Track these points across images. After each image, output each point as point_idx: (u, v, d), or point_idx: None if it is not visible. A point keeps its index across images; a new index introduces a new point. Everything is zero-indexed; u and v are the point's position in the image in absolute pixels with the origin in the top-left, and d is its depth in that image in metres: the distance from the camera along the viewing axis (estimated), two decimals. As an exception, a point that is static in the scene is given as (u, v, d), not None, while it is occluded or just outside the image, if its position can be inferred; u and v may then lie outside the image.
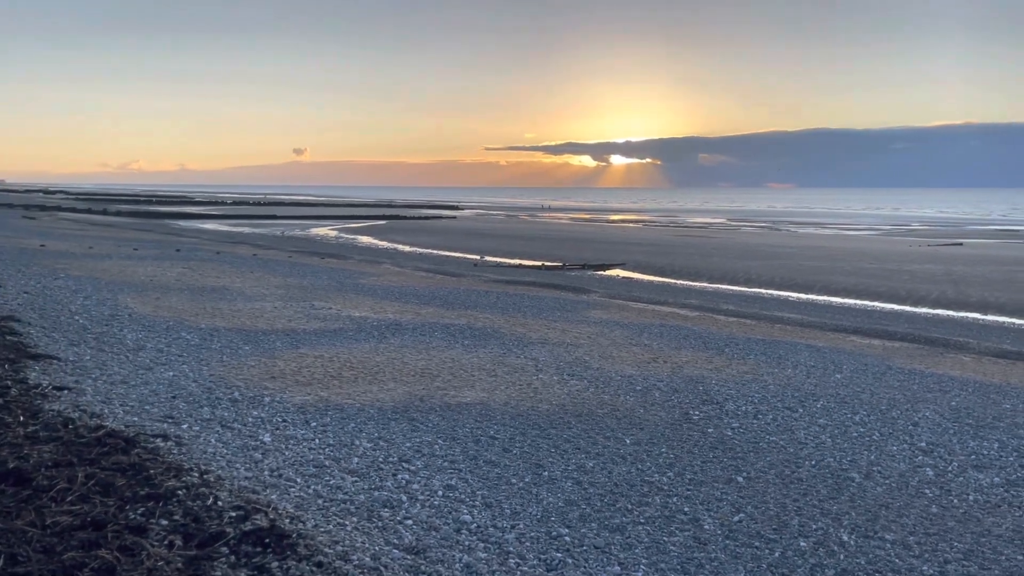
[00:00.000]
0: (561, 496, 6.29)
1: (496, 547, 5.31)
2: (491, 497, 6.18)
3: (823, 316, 19.60)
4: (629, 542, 5.51)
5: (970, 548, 5.65)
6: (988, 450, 8.03)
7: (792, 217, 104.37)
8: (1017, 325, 20.47)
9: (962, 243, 54.11)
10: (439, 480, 6.48)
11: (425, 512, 5.81)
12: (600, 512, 6.01)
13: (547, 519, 5.82)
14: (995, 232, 70.07)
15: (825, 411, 9.33)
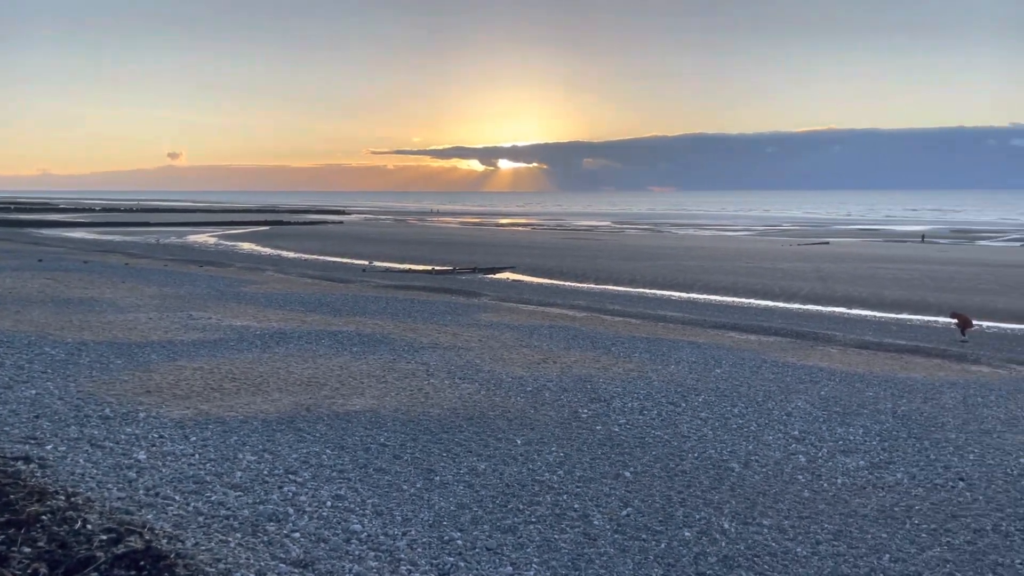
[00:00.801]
0: (453, 500, 6.26)
1: (387, 555, 5.24)
2: (382, 505, 6.08)
3: (703, 314, 20.38)
4: (521, 542, 5.54)
5: (839, 529, 5.99)
6: (854, 435, 8.54)
7: (673, 219, 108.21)
8: (878, 318, 21.92)
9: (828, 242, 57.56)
10: (327, 490, 6.33)
11: (313, 524, 5.66)
12: (492, 514, 6.02)
13: (439, 524, 5.78)
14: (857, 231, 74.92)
15: (706, 405, 9.69)
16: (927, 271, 33.24)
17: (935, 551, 5.62)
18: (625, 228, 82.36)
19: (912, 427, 8.94)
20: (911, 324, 20.56)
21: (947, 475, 7.29)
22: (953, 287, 27.94)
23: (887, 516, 6.26)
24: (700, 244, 52.17)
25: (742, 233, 71.90)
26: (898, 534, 5.91)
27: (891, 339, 16.64)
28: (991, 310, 22.90)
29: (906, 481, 7.11)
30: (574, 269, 34.10)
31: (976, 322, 20.11)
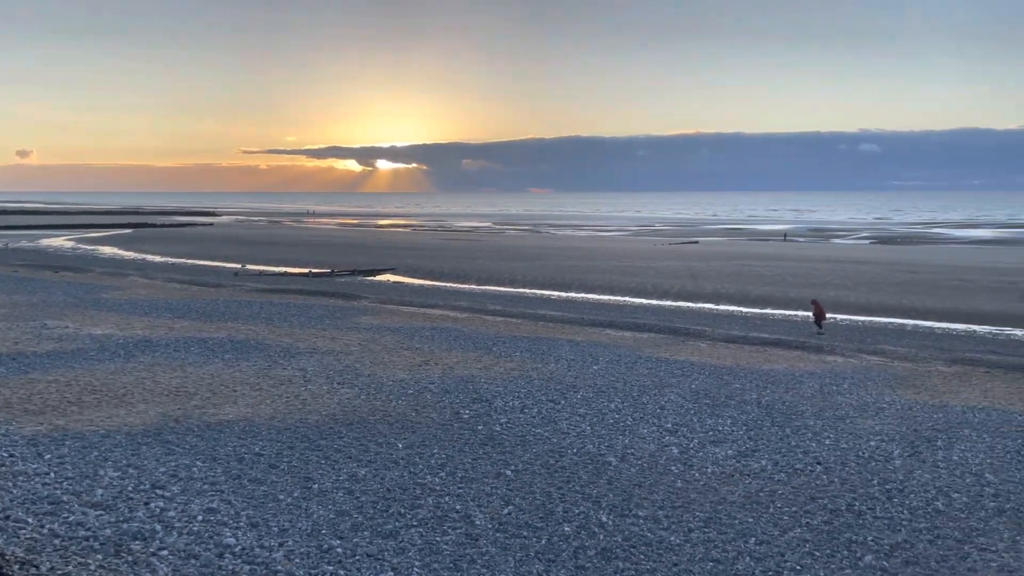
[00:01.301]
0: (332, 508, 6.13)
1: (263, 567, 5.06)
2: (257, 516, 5.88)
3: (582, 312, 20.84)
4: (402, 546, 5.49)
5: (710, 516, 6.26)
6: (723, 426, 8.95)
7: (551, 220, 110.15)
8: (744, 313, 23.08)
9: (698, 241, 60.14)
10: (198, 504, 6.06)
11: (183, 540, 5.40)
12: (373, 519, 5.93)
13: (318, 532, 5.65)
14: (724, 231, 78.65)
15: (585, 401, 9.91)
16: (788, 268, 35.29)
17: (796, 532, 5.97)
18: (505, 229, 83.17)
19: (775, 416, 9.46)
20: (774, 318, 21.76)
21: (806, 460, 7.75)
22: (811, 283, 29.78)
23: (753, 501, 6.60)
24: (578, 244, 53.36)
25: (617, 233, 74.07)
26: (763, 518, 6.24)
27: (756, 333, 17.55)
28: (844, 303, 24.56)
29: (770, 467, 7.51)
30: (455, 270, 34.12)
31: (831, 315, 21.53)
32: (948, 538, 5.91)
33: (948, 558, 5.56)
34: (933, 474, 7.37)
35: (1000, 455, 8.02)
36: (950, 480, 7.21)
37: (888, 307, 23.98)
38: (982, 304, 24.38)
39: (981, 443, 8.44)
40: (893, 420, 9.39)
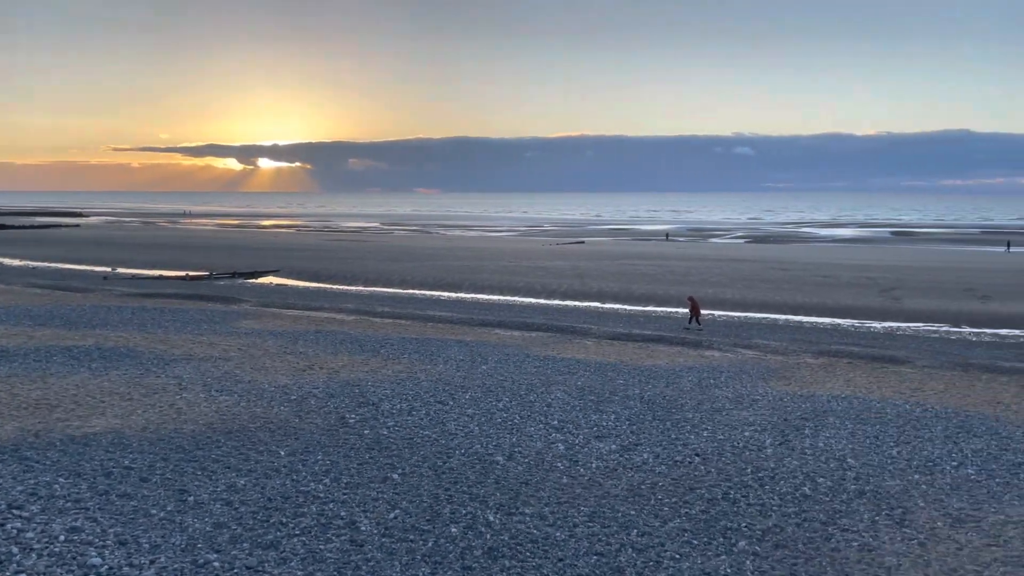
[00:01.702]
0: (209, 520, 5.87)
1: (133, 588, 4.79)
2: (126, 533, 5.56)
3: (471, 312, 20.87)
4: (284, 556, 5.32)
5: (594, 510, 6.38)
6: (607, 421, 9.15)
7: (440, 220, 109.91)
8: (627, 311, 23.73)
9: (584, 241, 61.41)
10: (60, 523, 5.67)
11: (43, 562, 5.04)
12: (252, 530, 5.72)
13: (193, 547, 5.39)
14: (609, 231, 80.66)
15: (473, 401, 9.91)
16: (669, 266, 36.53)
17: (675, 522, 6.17)
18: (394, 229, 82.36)
19: (656, 410, 9.76)
20: (656, 315, 22.47)
21: (686, 452, 8.03)
22: (690, 280, 30.93)
23: (635, 494, 6.77)
24: (467, 245, 53.45)
25: (506, 234, 74.68)
26: (644, 510, 6.41)
27: (639, 330, 18.08)
28: (721, 300, 25.64)
29: (651, 460, 7.73)
30: (342, 271, 33.48)
31: (709, 311, 22.43)
32: (814, 521, 6.25)
33: (814, 540, 5.88)
34: (801, 461, 7.78)
35: (861, 440, 8.55)
36: (816, 466, 7.63)
37: (762, 303, 25.20)
38: (846, 299, 25.99)
39: (844, 430, 8.97)
40: (765, 411, 9.85)
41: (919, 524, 6.19)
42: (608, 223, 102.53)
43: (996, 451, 8.19)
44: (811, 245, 60.26)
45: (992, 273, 33.58)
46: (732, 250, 52.64)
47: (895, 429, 9.02)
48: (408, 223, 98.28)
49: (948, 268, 35.99)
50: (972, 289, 28.22)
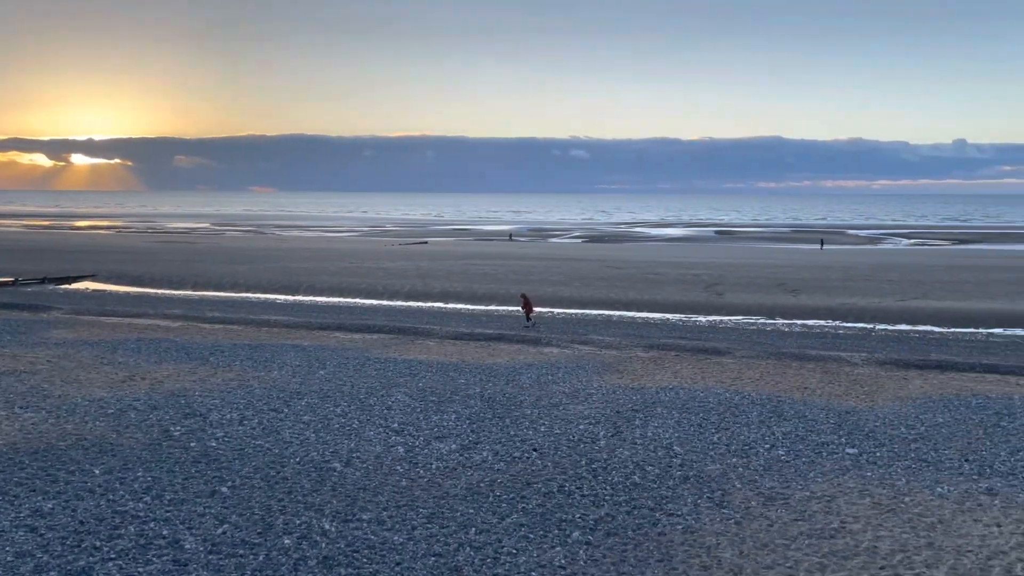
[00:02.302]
0: (10, 550, 5.35)
1: (-86, 634, 4.27)
2: (-93, 573, 4.96)
3: (309, 316, 20.28)
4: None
5: (433, 511, 6.37)
6: (447, 422, 9.17)
7: (276, 220, 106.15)
8: (470, 310, 23.91)
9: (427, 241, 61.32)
10: None
11: None
12: (62, 557, 5.27)
13: (-11, 582, 4.89)
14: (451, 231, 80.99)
15: (309, 408, 9.63)
16: (511, 266, 37.15)
17: (513, 518, 6.27)
18: (226, 230, 78.67)
19: (496, 408, 9.88)
20: (498, 314, 22.78)
21: (524, 448, 8.18)
22: (531, 279, 31.61)
23: (475, 492, 6.82)
24: (305, 246, 51.93)
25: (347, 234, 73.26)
26: (483, 507, 6.47)
27: (481, 329, 18.25)
28: (560, 298, 26.38)
29: (491, 458, 7.82)
30: (168, 275, 31.58)
31: (549, 309, 23.02)
32: (643, 507, 6.54)
33: (643, 526, 6.16)
34: (632, 450, 8.13)
35: (686, 428, 9.05)
36: (645, 455, 8.00)
37: (598, 300, 26.16)
38: (674, 295, 27.46)
39: (671, 419, 9.47)
40: (600, 404, 10.22)
41: (736, 504, 6.64)
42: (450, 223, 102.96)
43: (803, 433, 8.92)
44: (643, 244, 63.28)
45: (802, 269, 36.62)
46: (570, 249, 54.34)
47: (716, 416, 9.61)
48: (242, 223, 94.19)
49: (764, 265, 38.90)
50: (784, 284, 30.64)
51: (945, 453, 8.12)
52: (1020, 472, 7.52)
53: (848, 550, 5.74)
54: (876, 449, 8.26)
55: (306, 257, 40.96)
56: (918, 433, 8.88)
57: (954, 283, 28.99)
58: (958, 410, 9.97)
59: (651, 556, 5.59)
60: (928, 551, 5.72)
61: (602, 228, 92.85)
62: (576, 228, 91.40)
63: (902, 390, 11.32)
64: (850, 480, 7.27)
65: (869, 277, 31.34)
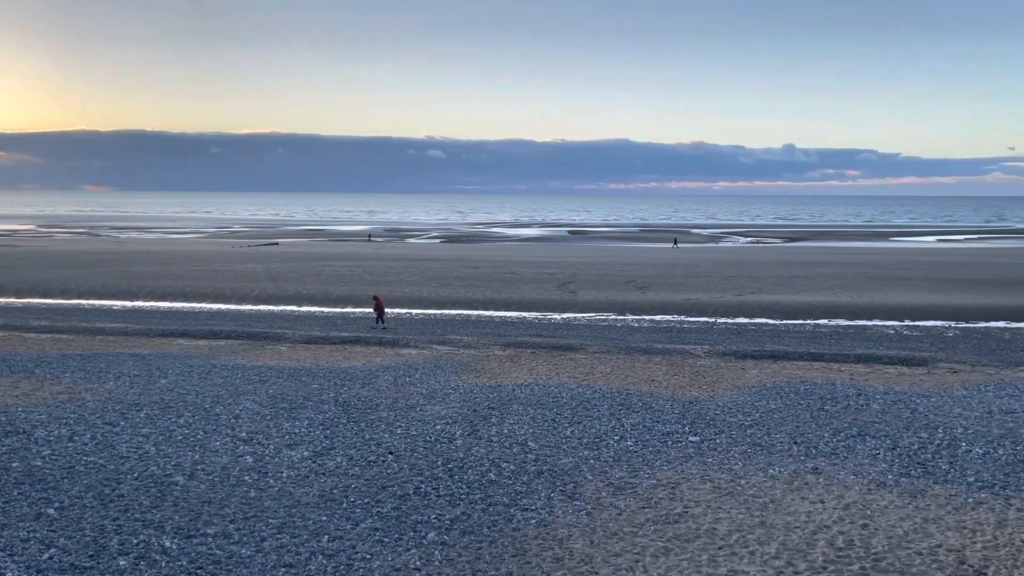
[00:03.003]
0: None
1: None
2: None
3: (150, 322, 19.14)
4: (-102, 626, 4.44)
5: (283, 521, 6.16)
6: (300, 428, 8.90)
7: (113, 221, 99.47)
8: (325, 313, 23.32)
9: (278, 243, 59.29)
10: None
11: None
12: None
13: None
14: (304, 232, 78.75)
15: (149, 420, 9.08)
16: (367, 267, 36.58)
17: (368, 523, 6.17)
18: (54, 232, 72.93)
19: (351, 412, 9.70)
20: (354, 316, 22.36)
21: (379, 451, 8.07)
22: (388, 280, 31.25)
23: (328, 499, 6.67)
24: (145, 248, 48.96)
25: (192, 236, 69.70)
26: (337, 514, 6.34)
27: (337, 332, 17.85)
28: (418, 298, 26.24)
29: (345, 463, 7.66)
30: (-13, 281, 28.87)
31: (407, 310, 22.82)
32: (498, 504, 6.62)
33: (497, 523, 6.23)
34: (488, 448, 8.21)
35: (540, 424, 9.24)
36: (501, 452, 8.10)
37: (456, 300, 26.22)
38: (530, 294, 27.96)
39: (526, 415, 9.63)
40: (457, 403, 10.25)
41: (587, 496, 6.84)
42: (304, 224, 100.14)
43: (650, 423, 9.32)
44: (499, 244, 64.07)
45: (649, 266, 38.28)
46: (428, 250, 54.18)
47: (569, 411, 9.87)
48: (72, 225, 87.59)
49: (615, 263, 40.34)
50: (633, 281, 31.92)
51: (777, 437, 8.71)
52: (841, 452, 8.18)
53: (690, 533, 6.05)
54: (716, 436, 8.75)
55: (146, 260, 38.62)
56: (753, 419, 9.49)
57: (785, 278, 31.19)
58: (788, 396, 10.73)
59: (505, 552, 5.66)
60: (761, 529, 6.12)
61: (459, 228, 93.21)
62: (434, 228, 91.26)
63: (740, 379, 12.06)
64: (692, 467, 7.67)
65: (710, 274, 33.16)
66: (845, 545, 5.84)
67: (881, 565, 5.53)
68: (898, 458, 7.93)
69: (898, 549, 5.78)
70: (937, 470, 7.57)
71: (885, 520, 6.30)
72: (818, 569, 5.48)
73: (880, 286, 28.20)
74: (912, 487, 7.08)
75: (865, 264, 37.36)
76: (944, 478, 7.33)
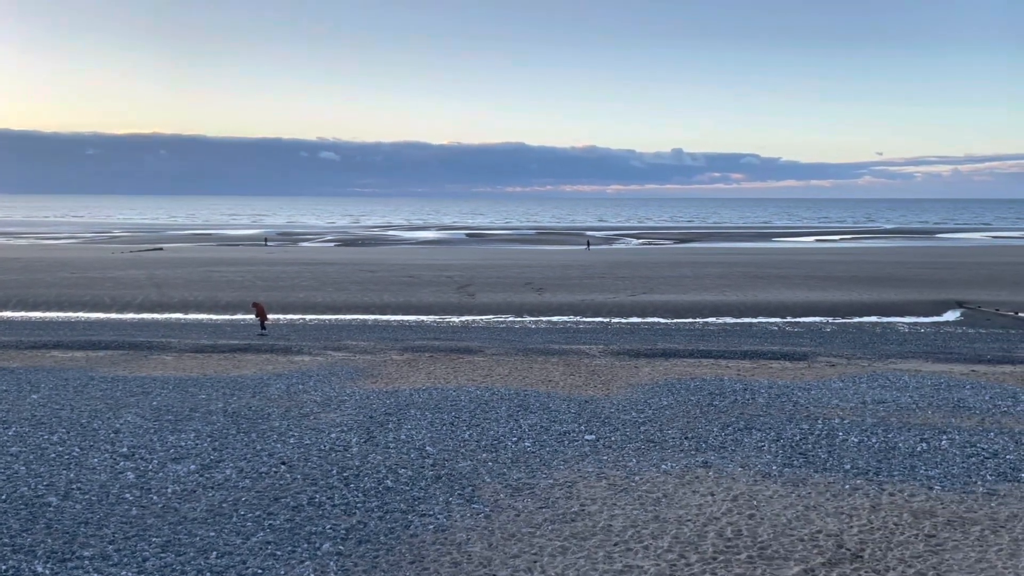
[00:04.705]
0: None
1: None
2: None
3: (19, 334, 17.94)
4: None
5: (168, 539, 5.87)
6: (186, 441, 8.52)
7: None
8: (214, 320, 22.46)
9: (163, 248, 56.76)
10: None
11: None
12: None
13: None
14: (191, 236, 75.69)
15: (19, 438, 8.49)
16: (259, 272, 35.47)
17: (259, 536, 5.96)
18: (-89, 238, 67.47)
19: (241, 422, 9.36)
20: (245, 323, 21.62)
21: (271, 462, 7.82)
22: (280, 286, 30.41)
23: (216, 514, 6.40)
24: (15, 255, 45.90)
25: (67, 241, 65.87)
26: (226, 529, 6.09)
27: (226, 340, 17.22)
28: (312, 304, 25.64)
29: (235, 476, 7.38)
30: None
31: (300, 315, 22.25)
32: (396, 511, 6.52)
33: (395, 530, 6.14)
34: (385, 455, 8.09)
35: (438, 428, 9.17)
36: (399, 458, 7.99)
37: (352, 304, 25.77)
38: (428, 297, 27.80)
39: (424, 420, 9.55)
40: (353, 410, 10.06)
41: (486, 498, 6.83)
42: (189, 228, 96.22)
43: (547, 423, 9.41)
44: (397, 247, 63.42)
45: (546, 268, 38.75)
46: (323, 253, 53.05)
47: (468, 414, 9.85)
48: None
49: (512, 265, 40.63)
50: (531, 283, 32.23)
51: (669, 433, 8.96)
52: (729, 445, 8.49)
53: (587, 531, 6.13)
54: (611, 434, 8.92)
55: (16, 268, 36.20)
56: (647, 416, 9.73)
57: (676, 278, 32.20)
58: (679, 393, 11.06)
59: (403, 559, 5.58)
60: (655, 524, 6.27)
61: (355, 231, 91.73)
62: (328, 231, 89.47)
63: (633, 377, 12.34)
64: (589, 465, 7.78)
65: (604, 275, 33.87)
66: (734, 535, 6.05)
67: (767, 553, 5.76)
68: (782, 449, 8.29)
69: (782, 537, 6.03)
70: (817, 459, 7.95)
71: (770, 509, 6.58)
72: (708, 560, 5.65)
73: (764, 285, 29.51)
74: (794, 476, 7.42)
75: (749, 264, 39.04)
76: (823, 467, 7.71)
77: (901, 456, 8.06)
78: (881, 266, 37.59)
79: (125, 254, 47.65)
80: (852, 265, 38.02)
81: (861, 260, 42.13)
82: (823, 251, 53.59)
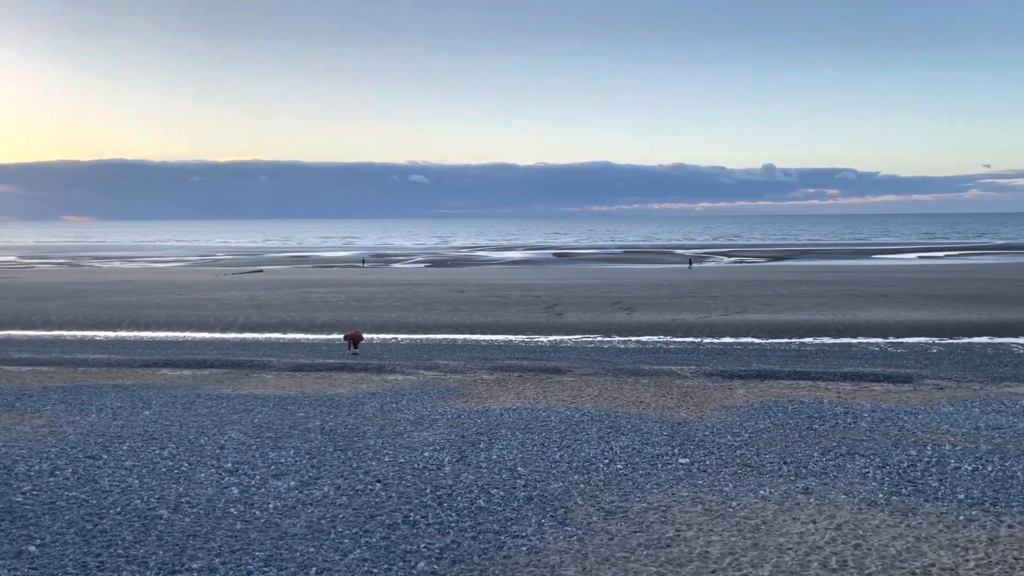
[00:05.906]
0: None
1: None
2: None
3: (133, 353, 18.94)
4: None
5: (270, 554, 6.05)
6: (286, 458, 8.79)
7: (95, 251, 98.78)
8: (310, 340, 23.19)
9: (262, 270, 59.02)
10: None
11: None
12: None
13: None
14: (288, 258, 78.46)
15: (132, 452, 8.94)
16: (353, 293, 36.44)
17: (356, 553, 6.08)
18: (35, 263, 72.31)
19: (338, 440, 9.59)
20: (339, 343, 22.23)
21: (367, 480, 7.98)
22: (374, 306, 31.14)
23: (315, 530, 6.56)
24: (128, 278, 48.58)
25: (175, 264, 69.30)
26: (324, 545, 6.24)
27: (322, 359, 17.73)
28: (404, 324, 26.14)
29: (332, 493, 7.56)
30: (-34, 314, 28.51)
31: (393, 335, 22.72)
32: (489, 531, 6.54)
33: (488, 550, 6.15)
34: (477, 475, 8.13)
35: (529, 448, 9.17)
36: (490, 478, 8.02)
37: (442, 324, 26.15)
38: (516, 317, 27.93)
39: (515, 440, 9.56)
40: (444, 429, 10.17)
41: (578, 521, 6.78)
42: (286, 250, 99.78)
43: (639, 446, 9.28)
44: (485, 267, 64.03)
45: (634, 287, 38.38)
46: (413, 274, 54.08)
47: (558, 435, 9.81)
48: (54, 255, 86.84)
49: (600, 284, 40.42)
50: (619, 302, 31.95)
51: (766, 457, 8.69)
52: (831, 471, 8.17)
53: (683, 557, 5.99)
54: (706, 457, 8.72)
55: (129, 290, 38.29)
56: (742, 440, 9.47)
57: (769, 297, 31.33)
58: (776, 416, 10.72)
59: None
60: (754, 552, 6.08)
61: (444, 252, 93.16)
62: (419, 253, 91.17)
63: (727, 399, 12.05)
64: (683, 489, 7.62)
65: (695, 294, 33.26)
66: (839, 566, 5.81)
67: (875, 585, 5.49)
68: (888, 476, 7.92)
69: (892, 569, 5.75)
70: (927, 488, 7.56)
71: (878, 540, 6.28)
72: (812, 591, 5.43)
73: (863, 303, 28.39)
74: (903, 505, 7.07)
75: (847, 282, 37.64)
76: (935, 496, 7.32)
77: (1020, 486, 7.57)
78: (991, 283, 35.61)
79: (228, 276, 49.77)
80: (959, 283, 36.14)
81: (969, 277, 40.01)
82: (927, 268, 51.18)
